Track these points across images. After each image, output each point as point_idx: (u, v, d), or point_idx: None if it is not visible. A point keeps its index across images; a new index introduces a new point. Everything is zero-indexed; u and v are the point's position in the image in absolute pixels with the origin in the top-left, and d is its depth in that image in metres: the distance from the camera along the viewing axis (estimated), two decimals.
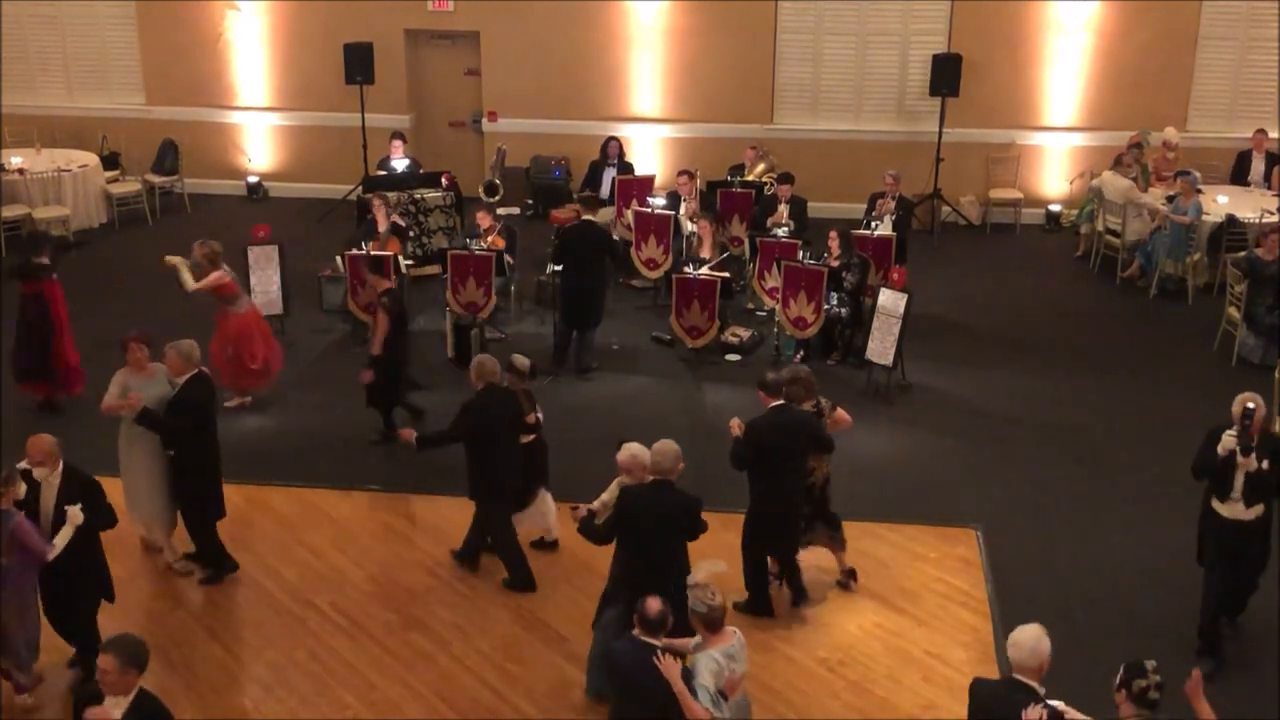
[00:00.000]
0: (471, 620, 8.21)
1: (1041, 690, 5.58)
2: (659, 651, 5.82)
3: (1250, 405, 7.47)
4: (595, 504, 7.60)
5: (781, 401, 8.03)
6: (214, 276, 10.66)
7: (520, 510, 8.72)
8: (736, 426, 7.98)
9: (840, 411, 8.50)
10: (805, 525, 8.42)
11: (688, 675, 5.87)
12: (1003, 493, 9.69)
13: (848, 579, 8.61)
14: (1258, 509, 7.58)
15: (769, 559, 8.37)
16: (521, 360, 8.73)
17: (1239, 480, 7.53)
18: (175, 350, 8.35)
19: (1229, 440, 7.50)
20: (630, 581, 6.98)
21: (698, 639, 6.09)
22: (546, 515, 8.92)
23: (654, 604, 5.87)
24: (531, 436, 8.70)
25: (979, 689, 5.79)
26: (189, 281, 10.68)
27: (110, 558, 7.82)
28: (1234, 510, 7.60)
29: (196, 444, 8.39)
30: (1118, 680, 5.49)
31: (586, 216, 11.99)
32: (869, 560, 8.86)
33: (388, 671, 7.74)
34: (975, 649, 7.94)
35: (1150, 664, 5.49)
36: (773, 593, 8.38)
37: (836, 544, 8.57)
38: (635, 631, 5.94)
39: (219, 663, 7.82)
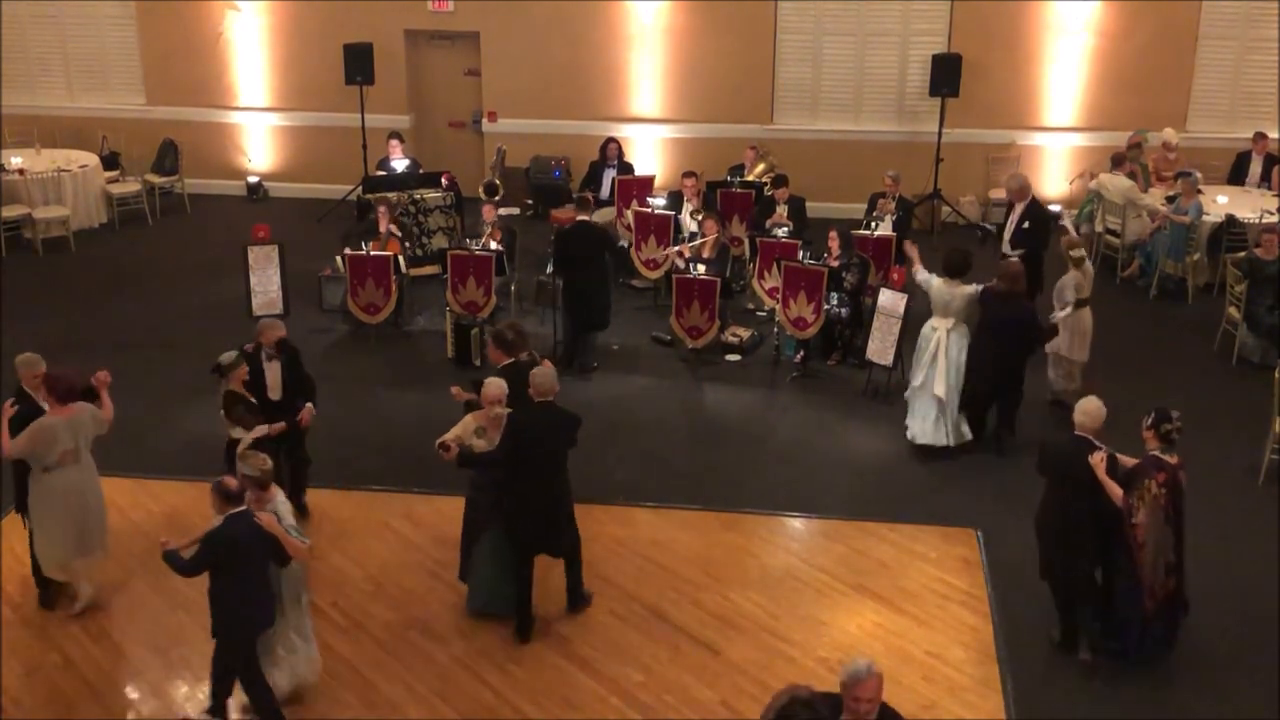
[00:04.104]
0: (471, 620, 8.20)
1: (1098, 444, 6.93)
2: (256, 515, 6.93)
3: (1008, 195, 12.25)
4: (449, 438, 7.75)
5: (512, 359, 8.40)
6: None
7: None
8: (459, 394, 8.45)
9: (545, 363, 8.87)
10: None
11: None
12: (1002, 493, 9.68)
13: None
14: (1020, 250, 11.50)
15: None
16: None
17: (1008, 233, 12.03)
18: None
19: None
20: (517, 494, 7.70)
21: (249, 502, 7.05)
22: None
23: (230, 480, 6.92)
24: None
25: (1051, 446, 7.12)
26: None
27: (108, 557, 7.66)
28: (1010, 251, 11.67)
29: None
30: (1149, 421, 6.81)
31: (581, 217, 11.94)
32: (869, 560, 8.85)
33: (388, 671, 7.73)
34: (975, 649, 7.92)
35: (1175, 413, 6.92)
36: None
37: None
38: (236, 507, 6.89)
39: None
